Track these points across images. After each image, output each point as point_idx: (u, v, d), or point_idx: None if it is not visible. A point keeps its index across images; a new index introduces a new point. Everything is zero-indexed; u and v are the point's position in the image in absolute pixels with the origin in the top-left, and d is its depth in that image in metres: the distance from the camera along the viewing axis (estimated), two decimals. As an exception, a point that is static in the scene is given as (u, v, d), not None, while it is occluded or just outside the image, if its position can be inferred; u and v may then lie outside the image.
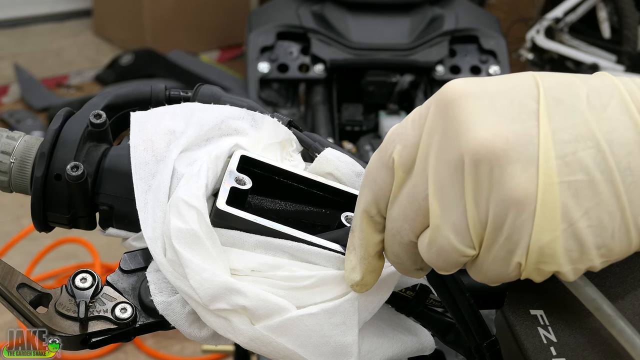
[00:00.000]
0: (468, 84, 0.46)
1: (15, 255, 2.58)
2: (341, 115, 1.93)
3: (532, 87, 0.45)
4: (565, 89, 0.45)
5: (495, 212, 0.43)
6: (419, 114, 0.47)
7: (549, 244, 0.43)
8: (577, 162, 0.43)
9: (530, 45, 3.81)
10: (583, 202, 0.43)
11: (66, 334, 0.57)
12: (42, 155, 0.62)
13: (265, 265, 0.56)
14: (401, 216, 0.48)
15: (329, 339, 0.55)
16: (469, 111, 0.44)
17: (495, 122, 0.44)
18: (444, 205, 0.45)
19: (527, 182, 0.42)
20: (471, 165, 0.43)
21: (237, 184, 0.59)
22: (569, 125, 0.43)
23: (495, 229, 0.44)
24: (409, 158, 0.47)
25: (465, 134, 0.44)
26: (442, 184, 0.45)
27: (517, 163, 0.43)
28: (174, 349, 2.44)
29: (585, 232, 0.43)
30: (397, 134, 0.48)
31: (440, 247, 0.46)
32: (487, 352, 0.57)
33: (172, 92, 0.70)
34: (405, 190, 0.47)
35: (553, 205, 0.42)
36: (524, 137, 0.43)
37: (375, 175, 0.49)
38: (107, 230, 0.64)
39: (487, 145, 0.43)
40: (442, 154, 0.45)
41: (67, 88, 4.18)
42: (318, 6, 1.91)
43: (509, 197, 0.43)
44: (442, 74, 1.87)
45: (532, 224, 0.43)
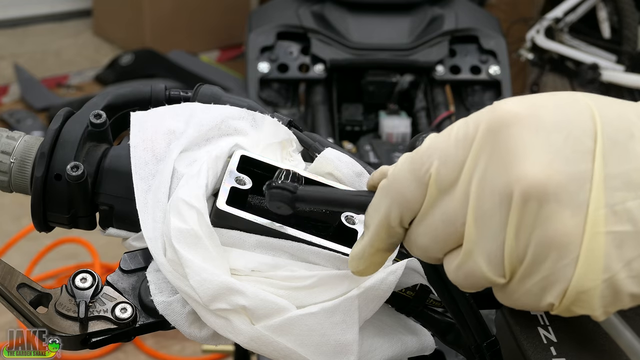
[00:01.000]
0: (522, 108, 0.44)
1: (15, 255, 2.58)
2: (341, 115, 1.93)
3: (589, 121, 0.43)
4: (621, 127, 0.43)
5: (536, 250, 0.42)
6: (465, 132, 0.45)
7: (588, 291, 0.42)
8: (626, 212, 0.42)
9: (530, 45, 3.80)
10: (626, 253, 0.42)
11: (66, 334, 0.57)
12: (42, 155, 0.62)
13: (265, 265, 0.56)
14: (430, 236, 0.46)
15: (329, 338, 0.55)
16: (523, 142, 0.43)
17: (549, 160, 0.42)
18: (482, 233, 0.44)
19: (574, 227, 0.42)
20: (520, 201, 0.42)
21: (237, 184, 0.59)
22: (622, 171, 0.42)
23: (533, 266, 0.43)
24: (448, 177, 0.45)
25: (517, 167, 0.42)
26: (484, 211, 0.43)
27: (567, 207, 0.42)
28: (174, 349, 2.43)
29: (624, 282, 0.42)
30: (436, 148, 0.46)
31: (469, 272, 0.45)
32: (487, 352, 0.57)
33: (172, 92, 0.70)
34: (439, 211, 0.46)
35: (597, 255, 0.42)
36: (577, 181, 0.42)
37: (405, 188, 0.47)
38: (107, 230, 0.65)
39: (539, 184, 0.42)
40: (489, 181, 0.43)
41: (67, 88, 4.18)
42: (318, 6, 1.91)
43: (554, 239, 0.42)
44: (442, 74, 1.87)
45: (573, 270, 0.42)
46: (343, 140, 1.89)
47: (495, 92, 1.89)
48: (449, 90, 1.94)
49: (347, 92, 1.95)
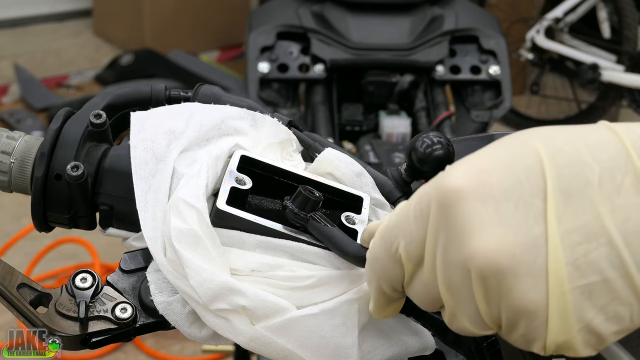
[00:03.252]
0: (468, 180, 0.43)
1: (15, 255, 2.58)
2: (341, 115, 1.93)
3: (538, 178, 0.42)
4: (575, 176, 0.42)
5: (507, 317, 0.42)
6: (420, 208, 0.45)
7: (566, 342, 0.42)
8: (589, 264, 0.41)
9: (530, 45, 3.81)
10: (598, 301, 0.41)
11: (66, 334, 0.57)
12: (42, 155, 0.62)
13: (266, 265, 0.56)
14: (418, 300, 0.48)
15: (329, 340, 0.55)
16: (472, 218, 0.42)
17: (500, 232, 0.41)
18: (456, 301, 0.44)
19: (537, 293, 0.41)
20: (478, 278, 0.42)
21: (237, 184, 0.59)
22: (579, 223, 0.41)
23: (510, 327, 0.43)
24: (415, 253, 0.46)
25: (469, 244, 0.42)
26: (452, 283, 0.44)
27: (526, 276, 0.41)
28: (174, 349, 2.43)
29: (601, 325, 0.42)
30: (399, 228, 0.47)
31: (459, 328, 0.46)
32: (487, 352, 0.57)
33: (172, 92, 0.70)
34: (418, 280, 0.47)
35: (566, 312, 0.41)
36: (531, 248, 0.41)
37: (384, 265, 0.48)
38: (107, 230, 0.64)
39: (493, 261, 0.41)
40: (449, 256, 0.43)
41: (67, 88, 4.18)
42: (318, 6, 1.91)
43: (519, 308, 0.42)
44: (442, 74, 1.87)
45: (545, 330, 0.42)
46: (343, 140, 1.89)
47: (495, 92, 1.89)
48: (449, 90, 1.94)
49: (347, 92, 1.95)
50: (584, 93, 3.89)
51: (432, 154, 0.60)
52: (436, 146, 0.60)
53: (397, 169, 0.65)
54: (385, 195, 0.63)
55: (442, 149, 0.60)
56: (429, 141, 0.61)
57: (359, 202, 0.61)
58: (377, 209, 0.62)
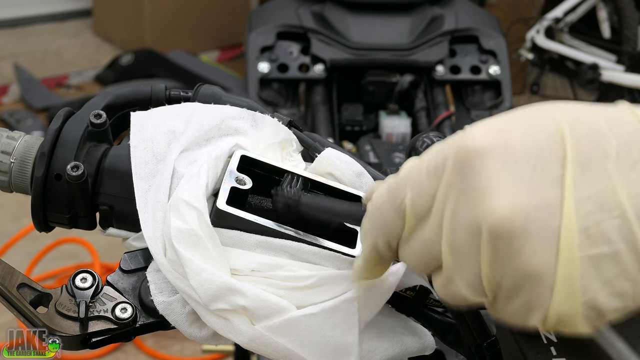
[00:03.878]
0: (488, 138, 0.43)
1: (15, 255, 2.58)
2: (341, 115, 1.93)
3: (558, 146, 0.42)
4: (593, 147, 0.42)
5: (511, 281, 0.42)
6: (435, 164, 0.45)
7: (567, 314, 0.42)
8: (601, 234, 0.41)
9: (530, 45, 3.81)
10: (604, 273, 0.41)
11: (66, 334, 0.57)
12: (42, 155, 0.62)
13: (266, 265, 0.56)
14: (413, 258, 0.48)
15: (329, 339, 0.55)
16: (489, 176, 0.42)
17: (516, 192, 0.41)
18: (457, 262, 0.44)
19: (546, 257, 0.41)
20: (489, 237, 0.42)
21: (237, 184, 0.59)
22: (594, 192, 0.41)
23: (510, 293, 0.43)
24: (422, 207, 0.45)
25: (484, 203, 0.42)
26: (457, 243, 0.44)
27: (537, 237, 0.41)
28: (174, 349, 2.44)
29: (604, 300, 0.42)
30: (410, 179, 0.46)
31: (452, 293, 0.46)
32: (487, 352, 0.57)
33: (172, 92, 0.70)
34: (418, 237, 0.46)
35: (573, 281, 0.41)
36: (546, 210, 0.41)
37: (384, 216, 0.48)
38: (107, 230, 0.64)
39: (507, 219, 0.41)
40: (459, 216, 0.43)
41: (67, 88, 4.18)
42: (318, 6, 1.91)
43: (527, 270, 0.41)
44: (442, 74, 1.87)
45: (550, 297, 0.41)
46: (343, 140, 1.89)
47: (495, 92, 1.89)
48: (449, 90, 1.94)
49: (347, 92, 1.95)
50: (584, 93, 3.89)
51: (432, 154, 0.60)
52: (436, 146, 0.60)
53: (397, 169, 0.64)
54: (385, 195, 0.63)
55: (442, 149, 0.60)
56: (429, 141, 0.61)
57: (359, 202, 0.61)
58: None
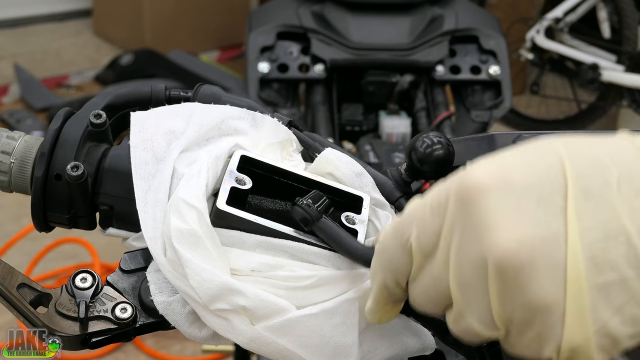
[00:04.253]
0: (490, 175, 0.43)
1: (15, 255, 2.58)
2: (341, 115, 1.93)
3: (559, 177, 0.42)
4: (595, 176, 0.42)
5: (521, 314, 0.42)
6: (438, 201, 0.45)
7: (581, 345, 0.42)
8: (607, 262, 0.41)
9: (530, 45, 3.81)
10: (614, 300, 0.41)
11: (66, 334, 0.57)
12: (42, 155, 0.62)
13: (266, 265, 0.56)
14: (423, 296, 0.48)
15: (329, 340, 0.55)
16: (492, 211, 0.42)
17: (520, 226, 0.41)
18: (467, 298, 0.44)
19: (555, 289, 0.41)
20: (495, 271, 0.42)
21: (237, 184, 0.59)
22: (598, 221, 0.41)
23: (522, 327, 0.43)
24: (428, 244, 0.46)
25: (489, 237, 0.42)
26: (464, 278, 0.44)
27: (544, 270, 0.41)
28: (174, 349, 2.44)
29: (617, 328, 0.41)
30: (414, 217, 0.46)
31: (465, 329, 0.46)
32: (487, 352, 0.57)
33: (172, 92, 0.70)
34: (426, 274, 0.47)
35: (583, 310, 0.41)
36: (551, 243, 0.41)
37: (392, 255, 0.48)
38: (107, 230, 0.64)
39: (512, 253, 0.41)
40: (465, 251, 0.43)
41: (67, 88, 4.18)
42: (318, 6, 1.91)
43: (536, 303, 0.41)
44: (442, 74, 1.87)
45: (561, 328, 0.41)
46: (343, 140, 1.89)
47: (495, 92, 1.89)
48: (449, 90, 1.94)
49: (347, 92, 1.95)
50: (584, 93, 3.89)
51: (432, 154, 0.60)
52: (436, 146, 0.60)
53: (397, 169, 0.65)
54: (385, 195, 0.63)
55: (442, 149, 0.60)
56: (429, 141, 0.61)
57: (359, 202, 0.61)
58: (377, 209, 0.62)
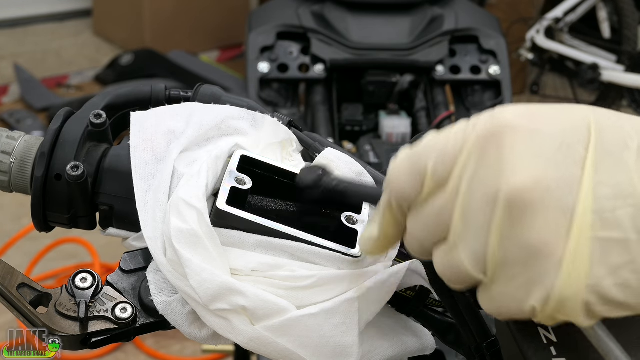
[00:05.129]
0: (520, 116, 0.44)
1: (15, 255, 2.58)
2: (341, 115, 1.93)
3: (584, 131, 0.43)
4: (616, 138, 0.43)
5: (519, 252, 0.42)
6: (464, 131, 0.45)
7: (570, 297, 0.42)
8: (614, 219, 0.41)
9: (530, 45, 3.81)
10: (612, 260, 0.41)
11: (66, 334, 0.57)
12: (42, 155, 0.62)
13: (266, 265, 0.56)
14: (422, 225, 0.47)
15: (329, 340, 0.55)
16: (515, 148, 0.43)
17: (538, 165, 0.42)
18: (466, 229, 0.44)
19: (559, 231, 0.41)
20: (505, 205, 0.42)
21: (237, 184, 0.59)
22: (613, 179, 0.42)
23: (515, 268, 0.43)
24: (444, 172, 0.46)
25: (507, 171, 0.42)
26: (470, 207, 0.44)
27: (553, 210, 0.41)
28: (174, 349, 2.44)
29: (610, 289, 0.42)
30: (435, 145, 0.46)
31: (452, 264, 0.45)
32: (487, 352, 0.57)
33: (172, 92, 0.70)
34: (433, 202, 0.46)
35: (582, 260, 0.41)
36: (565, 186, 0.42)
37: (404, 179, 0.48)
38: (107, 230, 0.64)
39: (527, 189, 0.41)
40: (479, 180, 0.44)
41: (67, 88, 4.18)
42: (318, 6, 1.91)
43: (538, 242, 0.41)
44: (442, 74, 1.87)
45: (556, 273, 0.41)
46: (343, 140, 1.89)
47: (495, 92, 1.89)
48: (449, 90, 1.94)
49: (347, 92, 1.95)
50: (584, 93, 3.89)
51: (432, 154, 0.60)
52: (436, 146, 0.60)
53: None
54: (385, 195, 0.63)
55: (442, 149, 0.60)
56: (429, 141, 0.61)
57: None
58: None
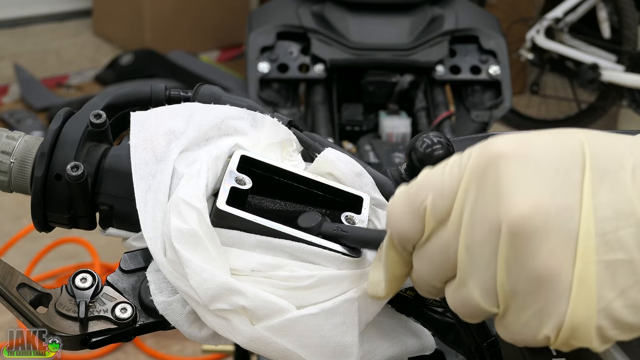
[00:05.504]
0: (513, 145, 0.44)
1: (15, 255, 2.58)
2: (341, 115, 1.93)
3: (579, 154, 0.43)
4: (611, 158, 0.43)
5: (527, 282, 0.42)
6: (458, 164, 0.46)
7: (583, 323, 0.42)
8: (617, 241, 0.41)
9: (530, 45, 3.81)
10: (620, 281, 0.41)
11: (66, 334, 0.57)
12: (42, 155, 0.62)
13: (266, 265, 0.56)
14: (427, 263, 0.47)
15: (329, 340, 0.55)
16: (512, 176, 0.43)
17: (538, 193, 0.42)
18: (473, 262, 0.44)
19: (565, 257, 0.41)
20: (508, 234, 0.42)
21: (237, 184, 0.59)
22: (612, 200, 0.42)
23: (526, 298, 0.43)
24: (443, 208, 0.46)
25: (507, 200, 0.42)
26: (474, 241, 0.44)
27: (556, 238, 0.41)
28: (174, 349, 2.44)
29: (620, 311, 0.42)
30: (430, 180, 0.47)
31: (464, 300, 0.45)
32: (487, 352, 0.57)
33: (172, 92, 0.70)
34: (436, 239, 0.46)
35: (590, 284, 0.41)
36: (565, 211, 0.42)
37: (402, 219, 0.48)
38: (107, 230, 0.64)
39: (528, 217, 0.42)
40: (479, 212, 0.44)
41: (67, 88, 4.18)
42: (318, 6, 1.91)
43: (544, 270, 0.41)
44: (442, 74, 1.87)
45: (567, 301, 0.41)
46: (343, 140, 1.89)
47: (495, 92, 1.89)
48: (449, 90, 1.94)
49: (347, 92, 1.95)
50: (584, 93, 3.89)
51: (432, 154, 0.60)
52: (436, 146, 0.60)
53: (397, 169, 0.65)
54: (385, 195, 0.63)
55: (442, 149, 0.60)
56: (429, 141, 0.61)
57: (359, 202, 0.61)
58: (377, 209, 0.62)
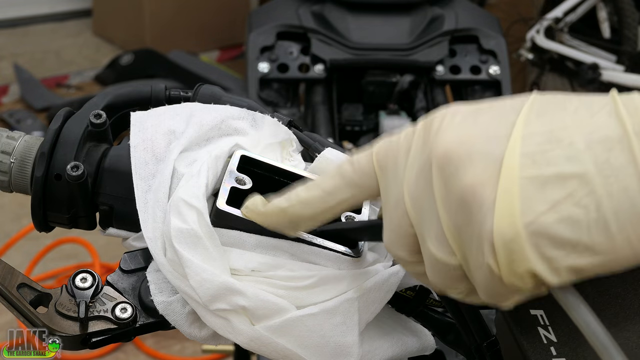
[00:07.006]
0: (460, 105, 0.46)
1: (15, 255, 2.58)
2: (341, 115, 1.93)
3: (520, 102, 0.44)
4: (554, 104, 0.43)
5: (460, 212, 0.42)
6: (413, 131, 0.47)
7: (513, 239, 0.40)
8: (546, 160, 0.41)
9: (530, 45, 3.80)
10: (550, 194, 0.40)
11: (66, 334, 0.57)
12: (42, 155, 0.62)
13: (266, 265, 0.56)
14: (389, 227, 0.48)
15: (329, 340, 0.55)
16: (448, 123, 0.44)
17: (468, 129, 0.43)
18: (420, 212, 0.45)
19: (488, 178, 0.41)
20: (437, 169, 0.43)
21: (237, 184, 0.59)
22: (545, 129, 0.42)
23: (464, 229, 0.42)
24: (394, 160, 0.47)
25: (435, 140, 0.44)
26: (416, 188, 0.45)
27: (480, 162, 0.42)
28: (174, 349, 2.44)
29: (555, 227, 0.40)
30: (389, 138, 0.48)
31: (429, 261, 0.45)
32: (487, 352, 0.57)
33: (172, 92, 0.70)
34: (390, 193, 0.48)
35: (512, 199, 0.40)
36: (493, 140, 0.42)
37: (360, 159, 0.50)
38: (107, 230, 0.64)
39: (453, 148, 0.43)
40: (416, 157, 0.45)
41: (67, 88, 4.18)
42: (318, 6, 1.91)
43: (469, 192, 0.42)
44: (442, 74, 1.87)
45: (492, 217, 0.41)
46: (343, 140, 1.89)
47: (495, 92, 1.89)
48: (449, 90, 1.94)
49: (347, 92, 1.95)
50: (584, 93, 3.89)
51: (432, 154, 0.60)
52: (436, 146, 0.60)
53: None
54: (385, 195, 0.63)
55: (442, 149, 0.60)
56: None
57: None
58: (377, 209, 0.62)
